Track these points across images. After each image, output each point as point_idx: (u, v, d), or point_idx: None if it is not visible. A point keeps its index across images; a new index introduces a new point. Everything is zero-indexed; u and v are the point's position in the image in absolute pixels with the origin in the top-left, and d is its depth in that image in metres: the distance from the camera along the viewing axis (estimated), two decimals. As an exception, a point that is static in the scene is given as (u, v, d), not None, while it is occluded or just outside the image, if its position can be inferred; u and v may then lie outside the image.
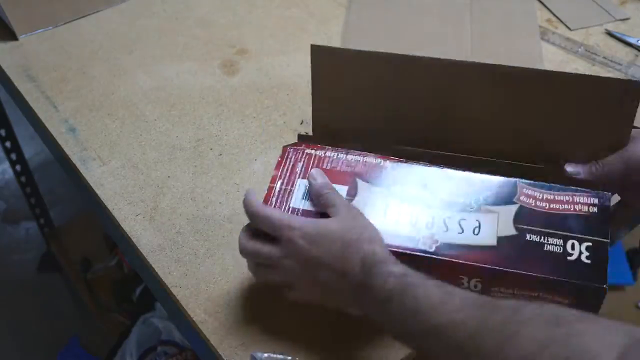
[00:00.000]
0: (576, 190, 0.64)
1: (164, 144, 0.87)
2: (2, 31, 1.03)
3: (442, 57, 0.69)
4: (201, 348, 0.70)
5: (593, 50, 0.98)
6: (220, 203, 0.80)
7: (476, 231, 0.62)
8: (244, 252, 0.64)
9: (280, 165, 0.69)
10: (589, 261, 0.59)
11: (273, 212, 0.63)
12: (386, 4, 1.10)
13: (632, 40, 1.02)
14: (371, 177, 0.67)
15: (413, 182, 0.66)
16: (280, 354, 0.65)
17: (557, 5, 1.09)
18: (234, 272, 0.73)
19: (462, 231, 0.62)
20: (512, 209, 0.63)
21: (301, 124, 0.89)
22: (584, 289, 0.58)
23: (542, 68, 0.98)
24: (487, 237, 0.62)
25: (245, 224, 0.65)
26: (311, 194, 0.65)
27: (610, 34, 1.04)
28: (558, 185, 0.65)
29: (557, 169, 0.69)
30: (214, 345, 0.67)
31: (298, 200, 0.66)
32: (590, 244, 0.60)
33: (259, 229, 0.63)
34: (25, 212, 1.71)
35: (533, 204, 0.63)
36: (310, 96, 0.72)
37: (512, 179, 0.65)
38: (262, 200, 0.66)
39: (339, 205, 0.62)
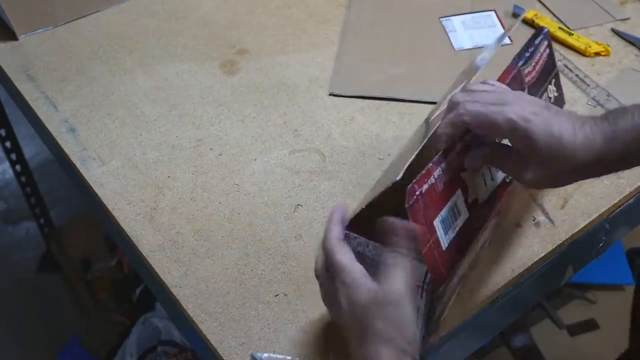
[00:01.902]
0: None
1: (164, 144, 0.87)
2: (2, 31, 1.03)
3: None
4: (201, 348, 0.70)
5: (570, 65, 0.98)
6: (220, 203, 0.80)
7: None
8: (315, 272, 0.62)
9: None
10: None
11: (340, 255, 0.59)
12: (386, 4, 1.10)
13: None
14: None
15: None
16: (280, 354, 0.65)
17: (557, 5, 1.09)
18: (234, 272, 0.73)
19: None
20: None
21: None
22: None
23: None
24: None
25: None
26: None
27: (615, 31, 1.05)
28: None
29: None
30: (214, 345, 0.67)
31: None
32: None
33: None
34: (25, 212, 1.71)
35: None
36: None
37: None
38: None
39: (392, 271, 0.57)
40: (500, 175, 0.68)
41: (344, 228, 0.61)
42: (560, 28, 1.02)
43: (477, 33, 1.04)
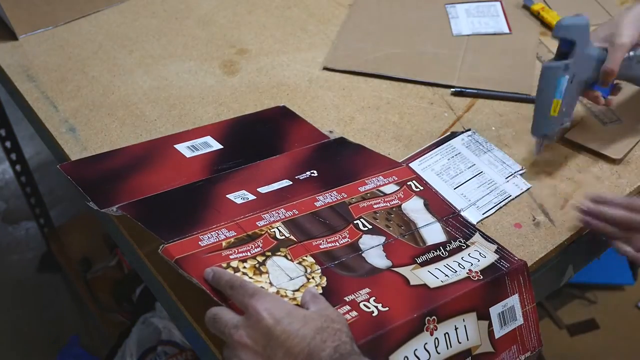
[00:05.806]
0: None
1: (164, 144, 0.87)
2: (2, 31, 1.03)
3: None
4: (201, 348, 0.70)
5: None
6: (220, 203, 0.80)
7: None
8: (207, 316, 0.60)
9: None
10: None
11: (248, 281, 0.62)
12: (388, 7, 1.10)
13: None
14: None
15: None
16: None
17: (559, 4, 1.09)
18: (234, 272, 0.73)
19: None
20: None
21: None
22: None
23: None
24: None
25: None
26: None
27: None
28: None
29: None
30: (214, 345, 0.67)
31: None
32: None
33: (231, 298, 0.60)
34: (25, 212, 1.71)
35: None
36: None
37: None
38: None
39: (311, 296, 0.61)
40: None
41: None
42: None
43: (477, 21, 1.06)
